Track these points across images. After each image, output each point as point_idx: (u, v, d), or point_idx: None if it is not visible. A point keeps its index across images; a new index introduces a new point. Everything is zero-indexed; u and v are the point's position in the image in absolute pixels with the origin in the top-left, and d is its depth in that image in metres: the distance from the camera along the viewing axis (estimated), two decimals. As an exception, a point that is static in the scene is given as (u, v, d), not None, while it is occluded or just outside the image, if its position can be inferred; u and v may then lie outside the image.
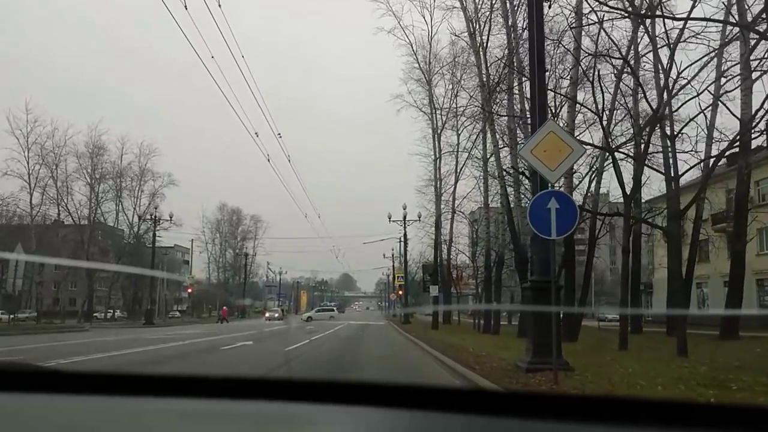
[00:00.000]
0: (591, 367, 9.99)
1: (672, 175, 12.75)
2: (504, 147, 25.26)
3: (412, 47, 36.78)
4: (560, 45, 17.58)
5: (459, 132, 36.16)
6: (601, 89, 15.34)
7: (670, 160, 16.08)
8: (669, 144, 14.17)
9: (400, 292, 53.59)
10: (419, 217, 42.14)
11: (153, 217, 50.33)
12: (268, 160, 23.81)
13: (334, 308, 65.55)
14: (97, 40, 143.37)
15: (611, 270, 66.82)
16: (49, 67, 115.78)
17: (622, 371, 9.53)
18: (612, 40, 14.33)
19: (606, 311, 46.14)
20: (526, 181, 25.84)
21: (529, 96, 24.53)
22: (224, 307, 59.37)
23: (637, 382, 8.02)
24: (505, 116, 22.65)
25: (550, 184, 8.75)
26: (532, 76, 9.83)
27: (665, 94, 13.77)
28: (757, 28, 16.12)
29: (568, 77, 18.35)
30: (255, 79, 68.05)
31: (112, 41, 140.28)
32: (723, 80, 19.02)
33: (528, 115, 23.47)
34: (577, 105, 17.77)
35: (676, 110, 13.15)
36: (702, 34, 15.33)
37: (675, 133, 12.74)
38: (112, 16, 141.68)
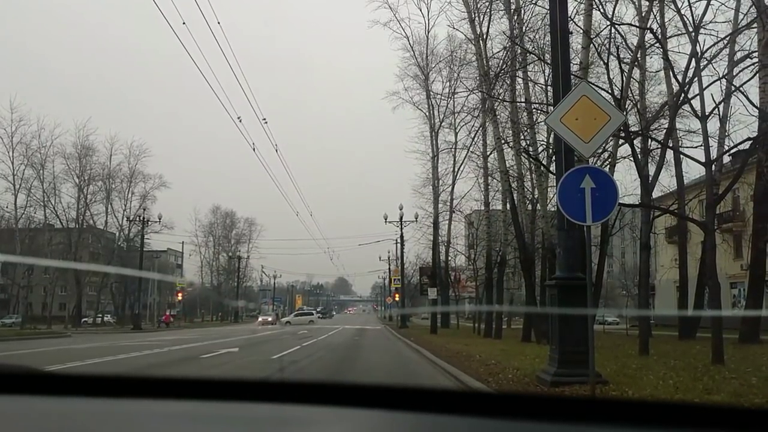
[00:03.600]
0: (622, 378, 8.66)
1: (705, 160, 11.38)
2: (506, 143, 23.99)
3: (408, 41, 35.80)
4: (571, 21, 16.19)
5: (457, 130, 35.17)
6: (621, 68, 13.98)
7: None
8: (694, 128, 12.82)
9: (396, 296, 52.17)
10: (416, 218, 40.86)
11: (141, 218, 48.75)
12: (254, 150, 22.52)
13: (313, 312, 64.22)
14: (89, 37, 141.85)
15: (608, 273, 65.86)
16: (33, 64, 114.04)
17: (663, 383, 8.15)
18: (634, 4, 12.89)
19: (629, 313, 44.50)
20: (530, 176, 24.71)
21: (524, 94, 23.83)
22: (166, 313, 57.10)
23: (691, 400, 6.61)
24: (509, 102, 21.28)
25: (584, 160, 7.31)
26: (553, 25, 8.32)
27: (691, 72, 12.45)
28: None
29: (578, 62, 16.99)
30: (248, 79, 66.60)
31: (104, 40, 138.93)
32: (737, 68, 17.92)
33: (532, 106, 22.41)
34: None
35: (707, 87, 11.81)
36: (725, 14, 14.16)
37: (706, 113, 11.38)
38: (105, 14, 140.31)
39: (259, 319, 57.60)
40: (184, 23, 15.51)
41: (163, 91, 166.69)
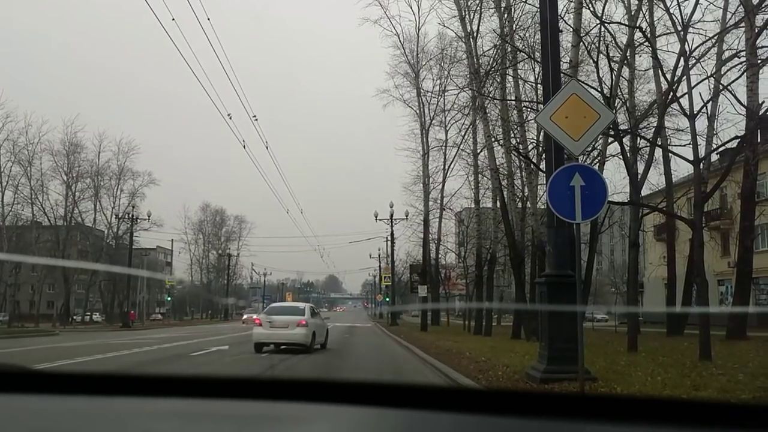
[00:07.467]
0: (611, 374, 8.72)
1: (693, 158, 11.48)
2: (496, 141, 24.07)
3: (399, 38, 35.82)
4: (561, 19, 16.26)
5: (447, 128, 35.29)
6: (610, 67, 14.07)
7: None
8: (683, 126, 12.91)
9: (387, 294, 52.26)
10: (407, 216, 40.86)
11: (131, 216, 48.39)
12: (244, 147, 22.45)
13: None
14: (81, 35, 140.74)
15: (597, 270, 66.21)
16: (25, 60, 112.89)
17: (651, 380, 8.22)
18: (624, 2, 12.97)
19: (618, 310, 44.62)
20: (520, 174, 24.78)
21: (515, 92, 23.85)
22: (131, 311, 52.74)
23: (679, 396, 6.67)
24: (500, 100, 21.34)
25: (573, 158, 7.33)
26: (543, 24, 8.36)
27: (679, 70, 12.56)
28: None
29: (568, 60, 17.05)
30: (237, 76, 66.37)
31: (96, 37, 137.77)
32: (725, 67, 18.06)
33: (521, 104, 22.48)
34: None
35: (695, 86, 11.91)
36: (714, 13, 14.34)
37: (695, 112, 11.47)
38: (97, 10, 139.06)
39: (244, 317, 56.40)
40: (173, 19, 15.39)
41: (155, 89, 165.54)
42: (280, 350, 15.71)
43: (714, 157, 22.83)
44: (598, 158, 19.35)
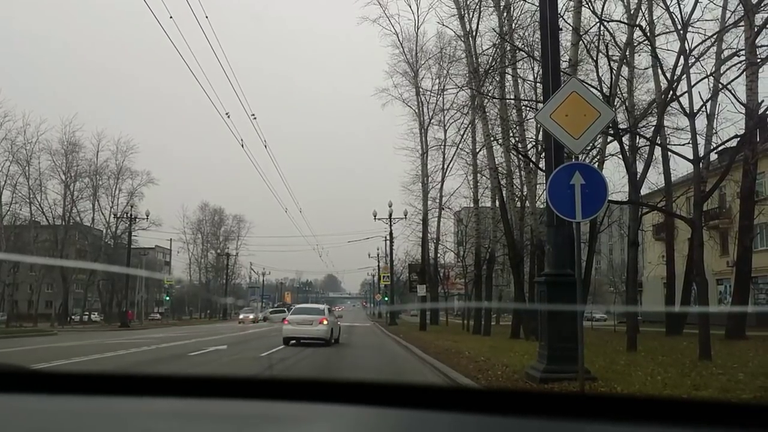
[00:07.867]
0: (610, 374, 8.69)
1: (692, 157, 11.45)
2: (495, 140, 24.04)
3: (398, 37, 35.83)
4: (561, 18, 16.23)
5: (446, 127, 35.27)
6: (610, 66, 14.05)
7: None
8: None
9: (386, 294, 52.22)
10: (405, 215, 40.84)
11: (129, 215, 48.29)
12: (242, 146, 22.44)
13: (285, 309, 63.77)
14: (78, 33, 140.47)
15: (596, 269, 66.22)
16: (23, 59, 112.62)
17: (651, 379, 8.19)
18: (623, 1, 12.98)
19: (617, 309, 44.57)
20: (519, 173, 24.76)
21: (514, 91, 23.84)
22: (130, 311, 51.04)
23: (679, 396, 6.64)
24: (499, 99, 21.31)
25: (573, 156, 7.30)
26: (543, 22, 8.33)
27: (679, 69, 12.52)
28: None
29: (568, 59, 17.02)
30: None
31: (91, 36, 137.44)
32: (725, 66, 18.06)
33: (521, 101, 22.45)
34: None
35: (695, 84, 11.88)
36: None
37: (694, 111, 11.44)
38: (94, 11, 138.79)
39: (240, 316, 55.95)
40: (171, 17, 15.32)
41: (154, 89, 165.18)
42: (280, 350, 16.12)
43: (713, 156, 22.87)
44: (598, 157, 19.34)
